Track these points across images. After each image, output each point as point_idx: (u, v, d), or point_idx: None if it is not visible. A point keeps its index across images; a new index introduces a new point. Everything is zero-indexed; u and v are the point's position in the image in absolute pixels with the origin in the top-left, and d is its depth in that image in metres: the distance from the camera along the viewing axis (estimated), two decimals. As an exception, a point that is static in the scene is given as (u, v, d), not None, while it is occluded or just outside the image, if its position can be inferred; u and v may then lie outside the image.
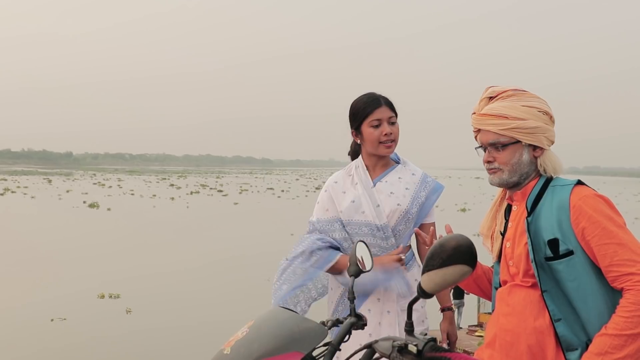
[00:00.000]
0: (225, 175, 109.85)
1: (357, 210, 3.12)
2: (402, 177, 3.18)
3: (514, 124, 2.26)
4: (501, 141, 2.30)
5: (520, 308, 2.27)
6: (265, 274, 14.07)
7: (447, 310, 3.15)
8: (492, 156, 2.34)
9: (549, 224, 2.21)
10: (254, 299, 11.83)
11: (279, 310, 2.01)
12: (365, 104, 3.11)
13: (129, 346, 8.81)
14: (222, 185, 62.20)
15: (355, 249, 2.20)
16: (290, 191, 52.62)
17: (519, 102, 2.29)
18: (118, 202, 35.74)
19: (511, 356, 2.27)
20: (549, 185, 2.29)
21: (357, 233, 3.11)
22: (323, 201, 3.24)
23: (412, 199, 3.13)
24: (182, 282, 13.27)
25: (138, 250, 17.57)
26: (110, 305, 11.06)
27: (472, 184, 70.91)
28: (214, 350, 1.97)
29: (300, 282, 3.13)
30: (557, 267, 2.18)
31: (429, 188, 3.19)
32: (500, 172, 2.33)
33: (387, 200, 3.11)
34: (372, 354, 1.88)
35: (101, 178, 75.80)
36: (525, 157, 2.30)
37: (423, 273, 1.87)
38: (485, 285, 2.60)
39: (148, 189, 50.66)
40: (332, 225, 3.18)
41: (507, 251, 2.35)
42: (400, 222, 3.11)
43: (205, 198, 41.83)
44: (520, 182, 2.33)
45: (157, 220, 26.20)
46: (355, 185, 3.17)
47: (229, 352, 1.85)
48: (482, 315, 8.43)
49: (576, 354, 2.15)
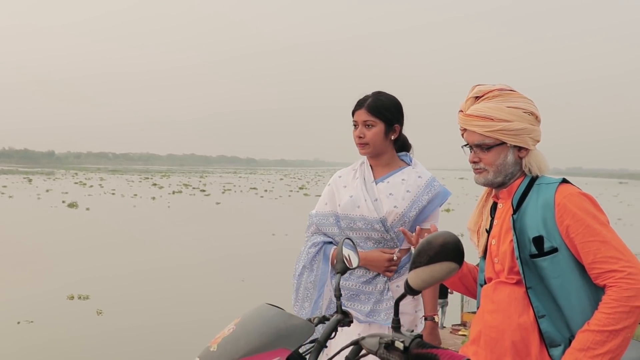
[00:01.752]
0: (209, 175, 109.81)
1: (353, 205, 3.14)
2: (406, 179, 3.19)
3: (500, 125, 2.29)
4: (486, 143, 2.33)
5: (505, 305, 2.30)
6: (240, 274, 13.94)
7: (429, 320, 3.13)
8: (477, 157, 2.37)
9: (534, 222, 2.24)
10: (229, 299, 11.67)
11: (265, 307, 2.01)
12: (354, 105, 3.20)
13: (100, 347, 8.58)
14: (206, 185, 62.10)
15: (342, 246, 2.23)
16: (274, 191, 52.71)
17: (505, 103, 2.32)
18: (98, 201, 35.48)
19: (496, 352, 2.30)
20: (534, 184, 2.33)
21: (352, 228, 3.13)
22: (324, 195, 3.31)
23: (411, 202, 3.13)
24: (155, 282, 13.07)
25: (111, 250, 17.29)
26: (80, 307, 10.79)
27: (456, 184, 71.07)
28: (186, 351, 1.77)
29: (318, 294, 3.16)
30: (541, 264, 2.21)
31: (432, 192, 3.19)
32: (485, 172, 2.37)
33: (385, 201, 3.12)
34: (359, 351, 1.90)
35: (83, 177, 75.35)
36: (510, 158, 2.34)
37: (410, 270, 1.87)
38: (471, 283, 2.63)
39: (130, 189, 50.39)
40: (327, 220, 3.22)
41: (493, 248, 2.39)
42: (396, 225, 3.11)
43: (187, 198, 41.70)
44: (506, 182, 2.37)
45: (136, 220, 25.96)
46: (356, 181, 3.22)
47: (215, 349, 1.87)
48: (466, 315, 8.46)
49: (559, 350, 2.19)
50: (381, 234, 3.11)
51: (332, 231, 3.20)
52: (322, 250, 3.19)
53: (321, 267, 3.16)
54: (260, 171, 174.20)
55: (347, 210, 3.15)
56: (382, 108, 3.14)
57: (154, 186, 56.51)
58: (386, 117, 3.15)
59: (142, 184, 62.06)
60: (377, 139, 3.15)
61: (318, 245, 3.20)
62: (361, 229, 3.12)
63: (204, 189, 51.90)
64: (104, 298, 11.26)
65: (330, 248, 3.18)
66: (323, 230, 3.25)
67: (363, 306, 3.13)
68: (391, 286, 3.14)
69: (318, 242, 3.22)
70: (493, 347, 2.31)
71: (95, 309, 10.51)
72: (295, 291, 3.24)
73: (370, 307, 3.11)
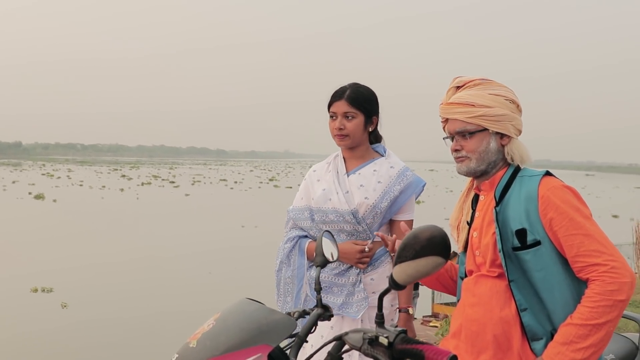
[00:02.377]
0: (178, 166, 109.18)
1: (325, 197, 3.14)
2: (377, 170, 3.16)
3: (481, 111, 2.29)
4: (468, 129, 2.32)
5: (486, 298, 2.28)
6: (208, 267, 13.88)
7: (403, 312, 3.09)
8: (459, 144, 2.35)
9: (517, 214, 2.23)
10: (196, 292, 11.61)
11: (246, 302, 1.97)
12: (331, 96, 3.16)
13: (64, 341, 8.47)
14: (175, 176, 61.71)
15: (321, 239, 2.20)
16: (244, 183, 52.53)
17: (486, 91, 2.32)
18: (65, 193, 35.07)
19: (477, 346, 2.28)
20: (517, 176, 2.31)
21: (325, 221, 3.13)
22: (300, 190, 3.31)
23: (383, 193, 3.10)
24: (120, 275, 12.94)
25: (77, 243, 17.09)
26: (44, 299, 10.65)
27: (426, 176, 71.30)
28: (151, 345, 1.73)
29: (298, 287, 3.16)
30: (524, 257, 2.20)
31: (404, 183, 3.14)
32: (467, 160, 2.34)
33: (356, 193, 3.11)
34: (342, 346, 1.87)
35: (50, 169, 74.45)
36: (493, 145, 2.32)
37: (395, 264, 1.84)
38: (448, 281, 2.61)
39: (98, 180, 49.91)
40: (302, 214, 3.22)
41: (474, 241, 2.37)
42: (368, 216, 3.09)
43: (156, 189, 41.42)
44: (488, 171, 2.35)
45: (104, 212, 25.66)
46: (329, 174, 3.21)
47: (195, 345, 1.83)
48: (437, 306, 8.64)
49: (541, 344, 2.18)
50: (353, 226, 3.10)
51: (306, 225, 3.21)
52: (297, 245, 3.19)
53: (297, 261, 3.17)
54: (230, 163, 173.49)
55: (320, 204, 3.15)
56: (362, 99, 3.13)
57: (122, 178, 56.01)
58: (366, 108, 3.13)
59: (110, 175, 61.51)
60: (357, 131, 3.13)
61: (293, 240, 3.21)
62: (333, 221, 3.12)
63: (173, 181, 51.61)
64: (69, 290, 11.11)
65: (305, 242, 3.19)
66: (299, 225, 3.25)
67: (336, 298, 3.12)
68: (365, 279, 3.12)
69: (293, 237, 3.22)
70: (474, 340, 2.30)
71: (60, 301, 10.40)
72: (277, 287, 3.24)
73: (343, 299, 3.10)
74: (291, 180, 59.09)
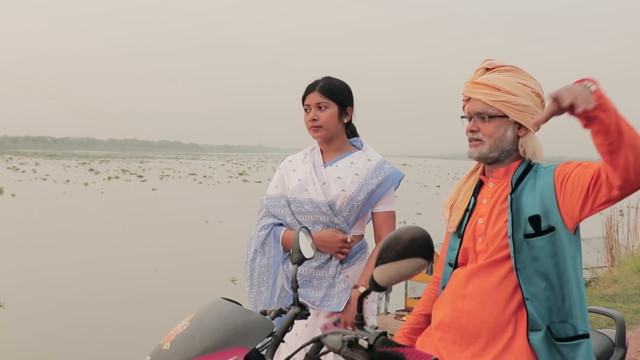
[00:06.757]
0: (149, 160, 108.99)
1: (301, 188, 3.14)
2: (355, 162, 3.19)
3: (505, 97, 2.29)
4: (489, 112, 2.31)
5: (480, 290, 2.27)
6: (154, 264, 13.46)
7: (354, 288, 3.07)
8: (476, 126, 2.34)
9: (531, 201, 2.24)
10: (148, 291, 11.40)
11: (221, 303, 1.92)
12: (305, 89, 3.18)
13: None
14: (145, 170, 61.47)
15: (298, 235, 2.17)
16: (213, 177, 52.56)
17: (515, 78, 2.32)
18: (27, 187, 34.66)
19: (466, 337, 2.27)
20: (532, 169, 2.32)
21: (300, 211, 3.14)
22: (275, 179, 3.32)
23: (360, 185, 3.12)
24: (68, 272, 12.50)
25: (28, 244, 16.50)
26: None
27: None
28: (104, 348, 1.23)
29: (274, 277, 3.14)
30: (538, 243, 2.21)
31: (382, 176, 3.17)
32: (481, 144, 2.33)
33: (333, 185, 3.12)
34: (320, 348, 1.84)
35: (17, 162, 73.54)
36: (509, 134, 2.32)
37: (376, 265, 1.79)
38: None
39: (64, 174, 49.43)
40: (279, 202, 3.22)
41: (479, 227, 2.34)
42: (345, 208, 3.10)
43: (122, 184, 41.10)
44: (501, 160, 2.35)
45: (63, 207, 25.19)
46: (306, 165, 3.22)
47: (168, 347, 1.78)
48: (410, 300, 8.92)
49: (539, 335, 2.18)
50: (329, 218, 3.10)
51: (282, 212, 3.20)
52: (272, 232, 3.17)
53: (273, 249, 3.16)
54: (202, 157, 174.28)
55: (296, 194, 3.15)
56: (335, 90, 3.15)
57: (90, 172, 55.57)
58: (339, 99, 3.15)
59: (78, 169, 61.13)
60: (331, 121, 3.14)
61: (268, 228, 3.19)
62: (309, 212, 3.12)
63: (141, 175, 51.24)
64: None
65: (280, 230, 3.17)
66: (273, 212, 3.24)
67: (316, 292, 3.10)
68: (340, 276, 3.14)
69: (268, 224, 3.20)
70: (463, 332, 2.28)
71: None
72: (250, 278, 3.19)
73: (324, 292, 3.09)
74: (262, 174, 59.15)
